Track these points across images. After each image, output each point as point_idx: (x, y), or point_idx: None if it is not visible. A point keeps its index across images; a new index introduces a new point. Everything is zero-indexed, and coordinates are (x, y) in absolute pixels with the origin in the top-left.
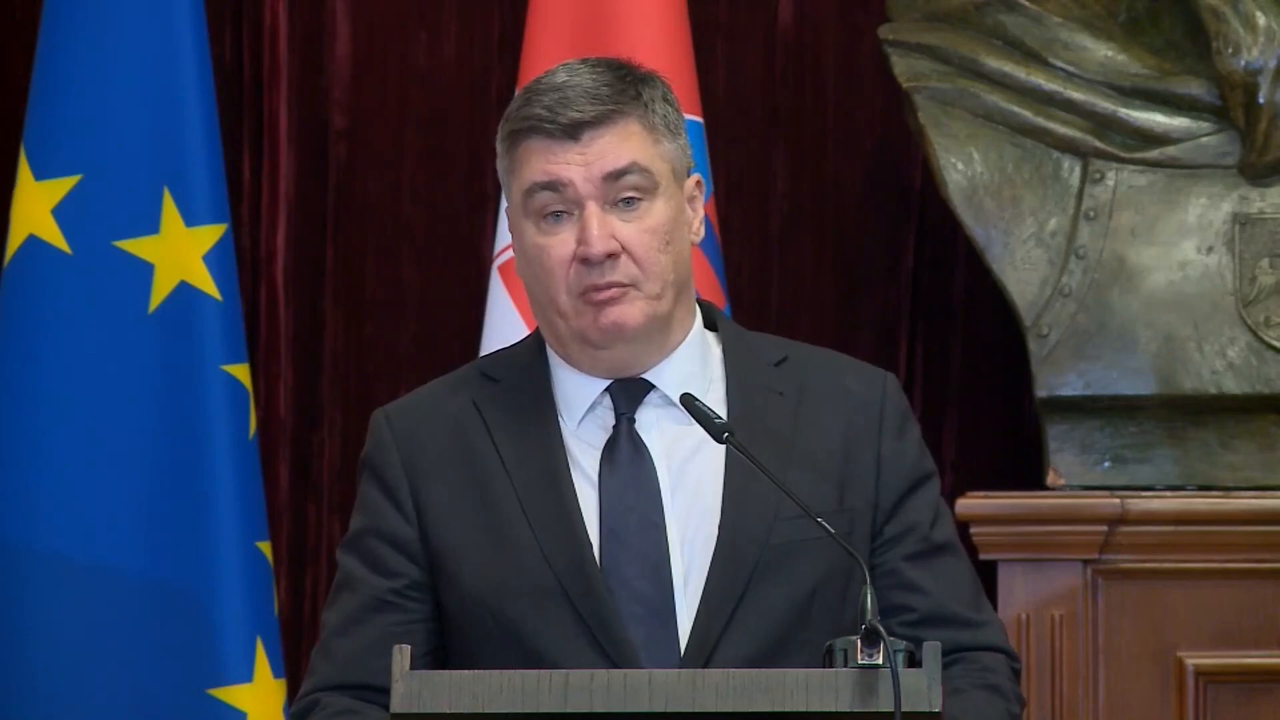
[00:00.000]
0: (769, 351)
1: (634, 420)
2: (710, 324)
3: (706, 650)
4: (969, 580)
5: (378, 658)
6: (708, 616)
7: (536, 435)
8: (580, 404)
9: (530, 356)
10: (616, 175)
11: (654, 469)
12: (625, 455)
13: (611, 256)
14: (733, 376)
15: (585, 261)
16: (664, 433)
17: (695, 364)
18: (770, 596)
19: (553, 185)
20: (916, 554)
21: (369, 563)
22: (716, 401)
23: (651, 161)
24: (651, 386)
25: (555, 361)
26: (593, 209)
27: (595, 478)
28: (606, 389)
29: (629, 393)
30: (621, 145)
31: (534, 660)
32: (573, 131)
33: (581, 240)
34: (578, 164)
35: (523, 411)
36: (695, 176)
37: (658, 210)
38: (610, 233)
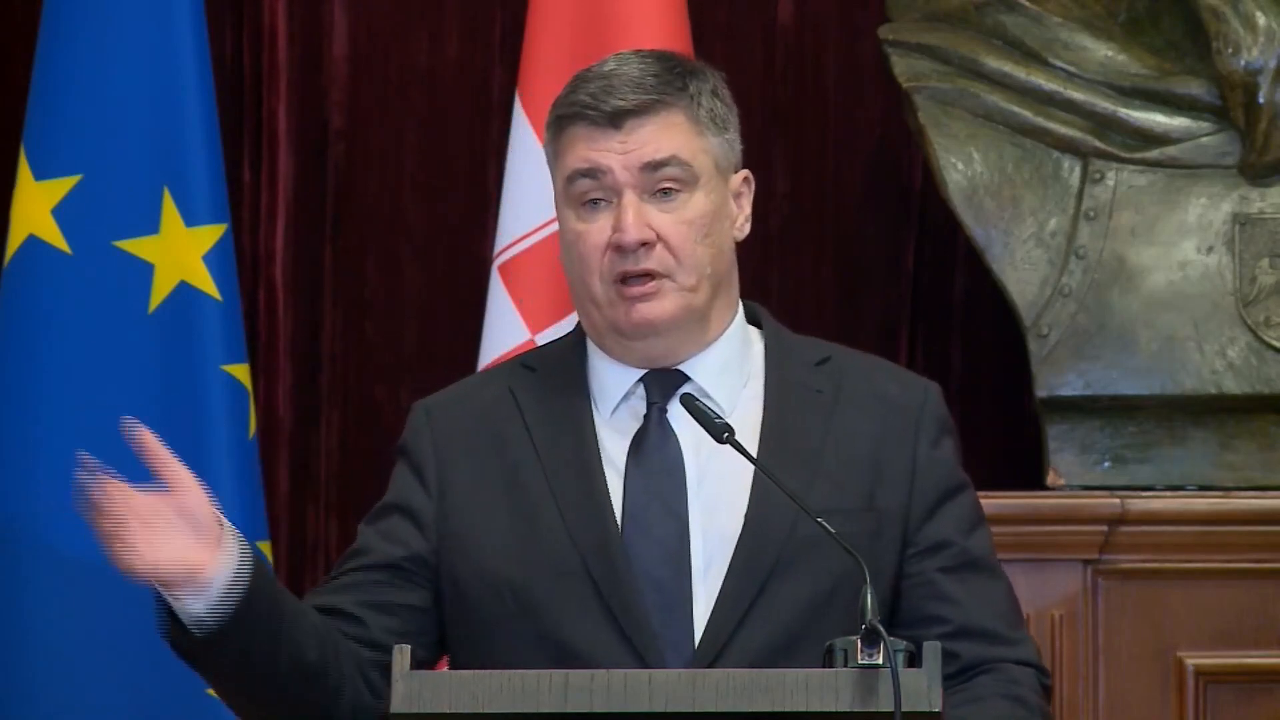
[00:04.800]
0: (812, 352)
1: (665, 410)
2: (754, 321)
3: (721, 641)
4: (1005, 597)
5: (348, 593)
6: (724, 608)
7: (568, 421)
8: (615, 393)
9: (570, 347)
10: (655, 166)
11: (681, 459)
12: (653, 444)
13: (646, 245)
14: (772, 372)
15: (619, 249)
16: (696, 424)
17: (734, 357)
18: (790, 591)
19: (592, 172)
20: (952, 566)
21: (381, 533)
22: (753, 396)
23: (693, 155)
24: (687, 378)
25: (593, 350)
26: (630, 197)
27: (621, 464)
28: (641, 379)
29: (662, 383)
30: (663, 136)
31: (550, 639)
32: (615, 119)
33: (616, 227)
34: (617, 152)
35: (557, 398)
36: (744, 172)
37: (696, 202)
38: (646, 221)
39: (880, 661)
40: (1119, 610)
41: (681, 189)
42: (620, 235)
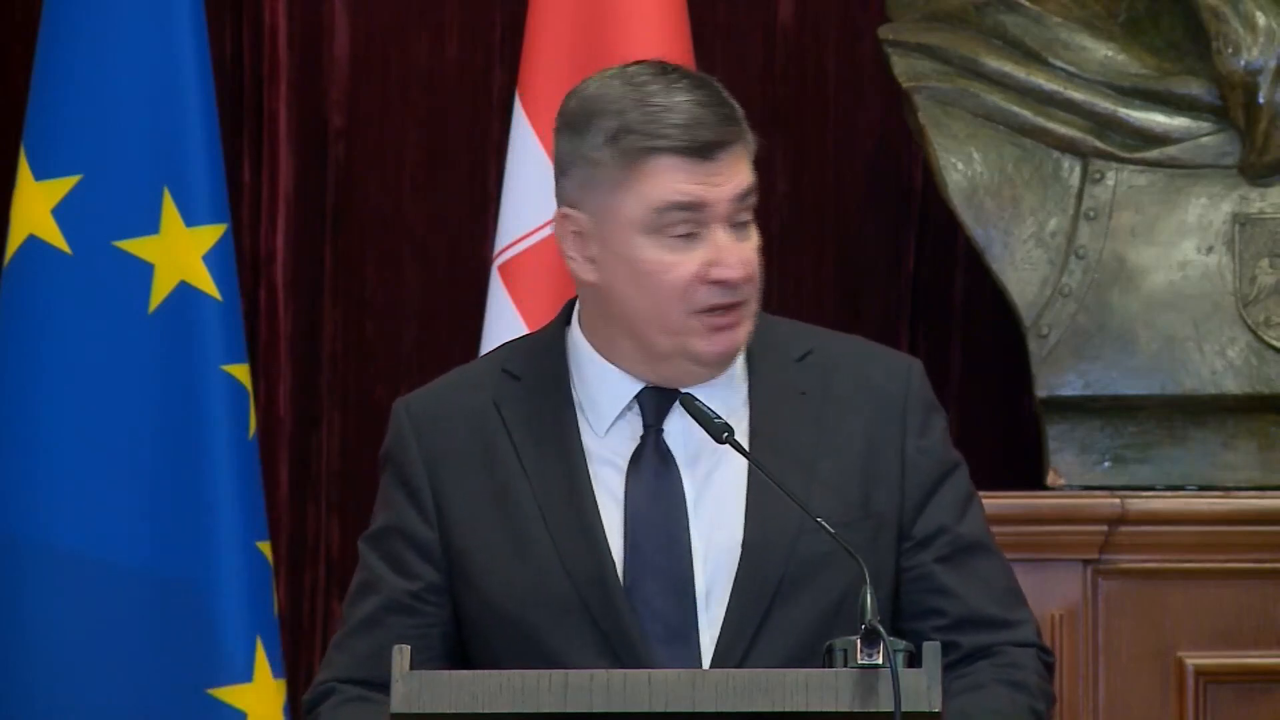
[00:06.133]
0: (793, 344)
1: (662, 431)
2: None
3: (733, 666)
4: (1001, 576)
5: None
6: (732, 633)
7: (557, 441)
8: (609, 411)
9: (552, 356)
10: (741, 197)
11: (680, 483)
12: (651, 468)
13: (744, 280)
14: (756, 376)
15: (721, 283)
16: (690, 441)
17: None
18: (796, 612)
19: (691, 206)
20: (947, 555)
21: (391, 563)
22: (740, 404)
23: (755, 184)
24: (678, 394)
25: (588, 364)
26: (723, 232)
27: (618, 489)
28: (636, 397)
29: (658, 402)
30: (741, 168)
31: (555, 668)
32: (707, 152)
33: (720, 263)
34: (712, 185)
35: (543, 414)
36: None
37: (754, 231)
38: (740, 256)
39: (880, 661)
40: (1119, 610)
41: (751, 219)
42: (727, 271)
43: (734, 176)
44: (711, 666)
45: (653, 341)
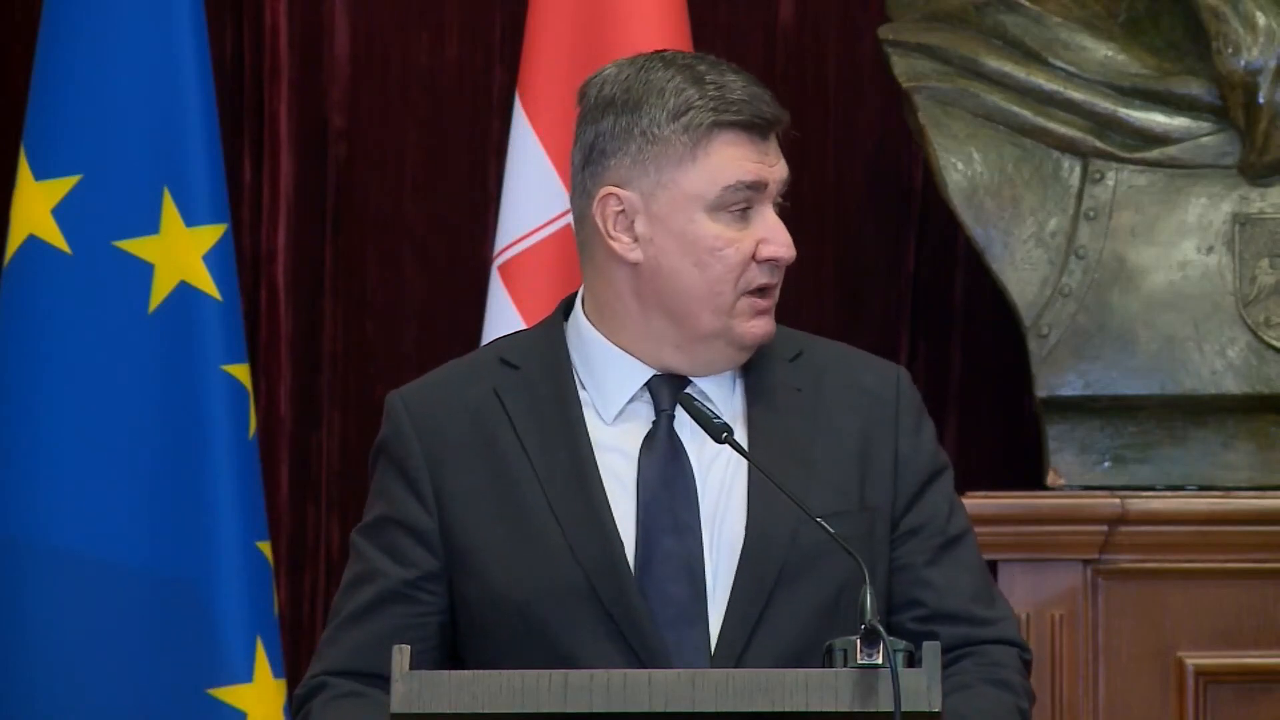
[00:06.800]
0: (784, 345)
1: (674, 416)
2: None
3: (735, 653)
4: (981, 573)
5: (388, 649)
6: (735, 620)
7: (562, 429)
8: (619, 397)
9: (550, 345)
10: (786, 179)
11: (690, 468)
12: (662, 453)
13: (789, 260)
14: (751, 373)
15: (769, 261)
16: (695, 430)
17: None
18: (798, 599)
19: (756, 185)
20: (931, 549)
21: (388, 552)
22: (739, 398)
23: None
24: (688, 381)
25: (596, 351)
26: (770, 211)
27: (626, 475)
28: (646, 384)
29: (670, 388)
30: (780, 150)
31: (563, 661)
32: (766, 131)
33: (774, 241)
34: (768, 164)
35: (546, 402)
36: None
37: None
38: None
39: (880, 661)
40: (1119, 610)
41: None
42: (777, 250)
43: (780, 158)
44: (715, 652)
45: (697, 322)
